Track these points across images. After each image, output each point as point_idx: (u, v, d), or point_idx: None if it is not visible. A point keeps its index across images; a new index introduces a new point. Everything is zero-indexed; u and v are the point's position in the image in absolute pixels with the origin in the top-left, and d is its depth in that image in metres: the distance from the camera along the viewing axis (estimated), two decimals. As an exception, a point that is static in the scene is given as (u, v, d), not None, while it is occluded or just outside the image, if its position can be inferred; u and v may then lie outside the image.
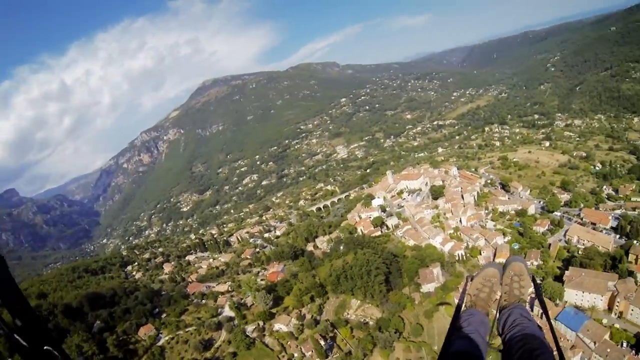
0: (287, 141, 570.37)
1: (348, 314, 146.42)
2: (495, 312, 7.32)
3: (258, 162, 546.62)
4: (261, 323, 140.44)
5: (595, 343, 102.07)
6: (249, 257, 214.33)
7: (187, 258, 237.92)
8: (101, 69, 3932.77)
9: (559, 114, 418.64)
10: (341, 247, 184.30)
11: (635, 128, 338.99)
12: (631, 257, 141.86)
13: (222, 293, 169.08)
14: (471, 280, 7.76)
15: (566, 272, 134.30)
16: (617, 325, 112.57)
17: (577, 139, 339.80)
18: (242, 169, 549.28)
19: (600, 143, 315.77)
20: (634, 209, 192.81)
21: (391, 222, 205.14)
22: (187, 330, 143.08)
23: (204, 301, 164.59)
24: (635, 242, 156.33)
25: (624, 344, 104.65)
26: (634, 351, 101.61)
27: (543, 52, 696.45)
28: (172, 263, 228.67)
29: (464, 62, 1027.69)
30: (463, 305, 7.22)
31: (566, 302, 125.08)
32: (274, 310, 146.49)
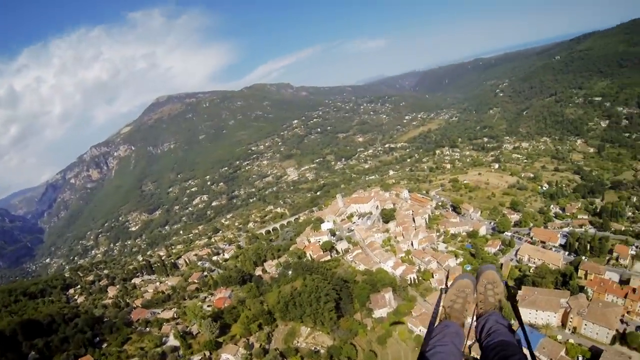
0: (238, 162, 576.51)
1: (298, 342, 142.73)
2: (471, 321, 7.83)
3: (209, 183, 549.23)
4: (207, 353, 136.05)
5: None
6: (196, 281, 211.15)
7: (133, 281, 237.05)
8: (53, 77, 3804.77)
9: (507, 137, 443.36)
10: (290, 273, 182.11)
11: (578, 150, 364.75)
12: (580, 273, 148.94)
13: (168, 320, 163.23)
14: (445, 292, 8.07)
15: (519, 291, 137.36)
16: (571, 341, 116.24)
17: (525, 160, 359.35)
18: (193, 189, 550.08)
19: (547, 164, 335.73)
20: (580, 226, 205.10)
21: (341, 246, 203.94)
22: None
23: (148, 329, 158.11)
24: (583, 258, 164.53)
25: (580, 359, 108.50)
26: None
27: (493, 78, 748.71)
28: (117, 286, 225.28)
29: (417, 87, 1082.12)
30: (438, 318, 7.53)
31: None
32: (220, 339, 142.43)
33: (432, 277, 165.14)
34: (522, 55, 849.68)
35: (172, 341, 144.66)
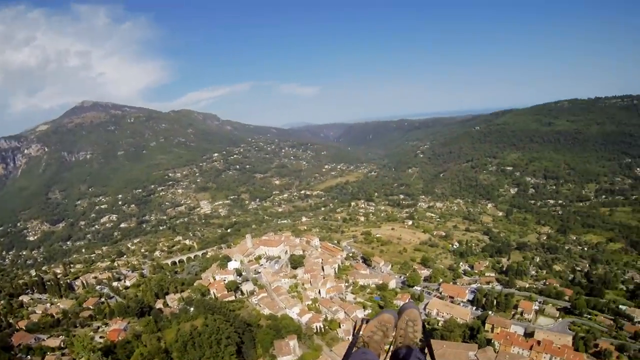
0: (153, 186, 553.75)
1: None
2: (387, 354, 8.13)
3: (120, 202, 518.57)
4: None
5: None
6: (91, 307, 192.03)
7: (20, 298, 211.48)
8: None
9: (423, 196, 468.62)
10: (192, 309, 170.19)
11: (488, 212, 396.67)
12: (487, 327, 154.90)
13: (53, 349, 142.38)
14: (366, 322, 8.29)
15: None
16: None
17: (438, 219, 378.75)
18: (103, 206, 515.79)
19: (458, 224, 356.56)
20: (488, 282, 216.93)
21: (246, 287, 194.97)
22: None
23: (29, 357, 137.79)
24: (490, 312, 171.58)
25: None
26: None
27: (415, 139, 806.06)
28: (2, 302, 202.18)
29: (341, 138, 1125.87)
30: (355, 346, 7.79)
31: None
32: None
33: (339, 326, 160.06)
34: (445, 122, 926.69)
35: None
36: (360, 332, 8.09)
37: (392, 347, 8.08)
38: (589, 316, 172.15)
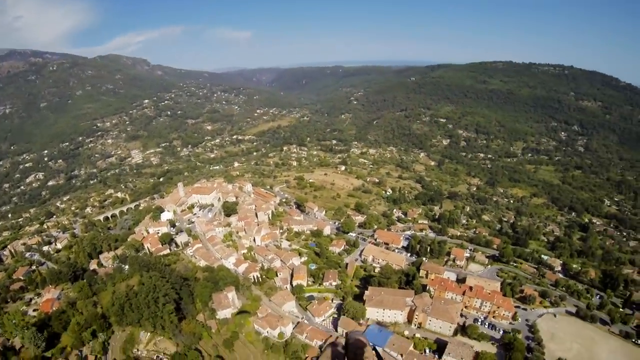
0: (81, 138, 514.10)
1: (138, 350, 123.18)
2: None
3: (46, 159, 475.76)
4: None
5: (402, 355, 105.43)
6: (22, 277, 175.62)
7: None
8: None
9: (356, 142, 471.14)
10: (126, 268, 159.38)
11: (421, 161, 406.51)
12: (422, 273, 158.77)
13: None
14: (317, 359, 7.97)
15: (366, 292, 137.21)
16: (418, 335, 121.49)
17: (371, 166, 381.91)
18: (27, 165, 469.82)
19: (391, 171, 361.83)
20: (421, 230, 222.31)
21: (181, 239, 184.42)
22: None
23: None
24: (424, 259, 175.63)
25: (427, 351, 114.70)
26: (437, 356, 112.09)
27: (349, 86, 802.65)
28: None
29: (274, 83, 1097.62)
30: None
31: (368, 319, 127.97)
32: (48, 353, 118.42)
33: (277, 275, 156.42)
34: (381, 70, 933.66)
35: None
36: None
37: None
38: (515, 264, 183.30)
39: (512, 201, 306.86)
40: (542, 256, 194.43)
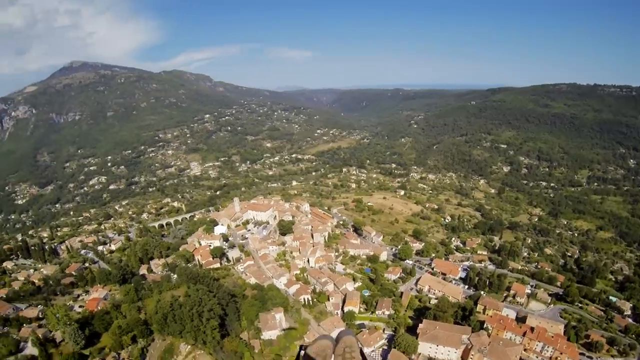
0: (143, 147, 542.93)
1: None
2: None
3: (109, 164, 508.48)
4: None
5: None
6: (74, 273, 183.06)
7: (4, 264, 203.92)
8: None
9: (415, 167, 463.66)
10: (174, 277, 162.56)
11: (480, 189, 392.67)
12: (479, 307, 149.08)
13: (30, 320, 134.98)
14: (304, 350, 8.63)
15: (420, 325, 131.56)
16: None
17: (430, 191, 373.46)
18: (92, 168, 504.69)
19: (451, 198, 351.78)
20: (480, 261, 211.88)
21: (232, 254, 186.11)
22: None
23: (6, 329, 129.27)
24: (482, 293, 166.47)
25: None
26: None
27: (409, 109, 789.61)
28: None
29: (334, 104, 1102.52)
30: None
31: (420, 354, 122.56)
32: (86, 351, 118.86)
33: (328, 300, 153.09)
34: (441, 94, 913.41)
35: (31, 349, 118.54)
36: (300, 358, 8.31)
37: None
38: (580, 305, 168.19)
39: (576, 234, 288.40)
40: (610, 297, 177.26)
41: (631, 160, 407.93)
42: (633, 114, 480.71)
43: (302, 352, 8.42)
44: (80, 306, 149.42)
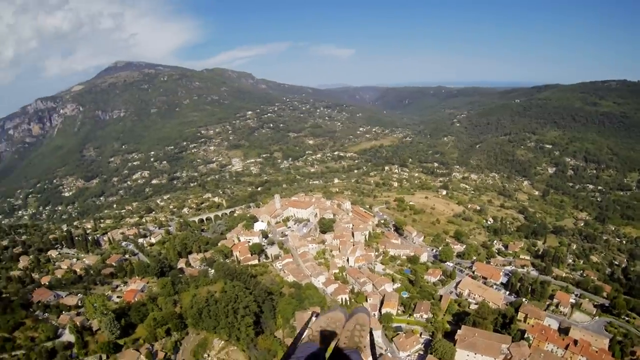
0: (185, 143, 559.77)
1: (209, 356, 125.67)
2: (331, 351, 8.29)
3: (152, 159, 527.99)
4: (103, 357, 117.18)
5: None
6: (114, 264, 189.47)
7: (49, 253, 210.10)
8: (12, 16, 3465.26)
9: (458, 166, 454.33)
10: (211, 272, 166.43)
11: (524, 190, 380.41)
12: (520, 315, 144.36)
13: (69, 308, 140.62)
14: (316, 316, 8.63)
15: (459, 331, 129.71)
16: None
17: (472, 192, 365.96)
18: (135, 163, 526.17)
19: (493, 199, 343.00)
20: (522, 266, 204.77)
21: (271, 251, 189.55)
22: (13, 354, 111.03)
23: (46, 315, 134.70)
24: (524, 300, 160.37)
25: None
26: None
27: (452, 108, 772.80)
28: (30, 257, 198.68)
29: (377, 101, 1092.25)
30: (302, 338, 8.13)
31: None
32: (121, 342, 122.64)
33: (366, 300, 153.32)
34: (484, 92, 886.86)
35: (68, 336, 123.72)
36: (310, 325, 8.26)
37: (335, 343, 8.12)
38: (627, 318, 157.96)
39: (624, 241, 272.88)
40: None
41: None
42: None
43: (314, 318, 8.58)
44: (118, 297, 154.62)
